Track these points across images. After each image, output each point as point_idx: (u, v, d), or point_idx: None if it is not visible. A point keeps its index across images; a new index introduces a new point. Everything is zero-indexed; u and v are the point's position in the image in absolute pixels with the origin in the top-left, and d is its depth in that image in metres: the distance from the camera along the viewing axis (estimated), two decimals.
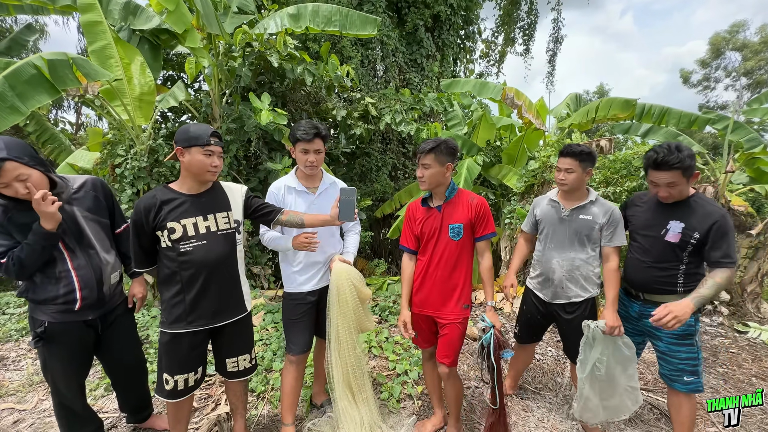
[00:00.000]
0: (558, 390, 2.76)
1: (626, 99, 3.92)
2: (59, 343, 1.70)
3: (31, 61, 2.65)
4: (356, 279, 2.05)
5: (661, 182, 1.83)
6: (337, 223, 1.89)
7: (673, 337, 1.93)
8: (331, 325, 2.03)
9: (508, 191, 5.19)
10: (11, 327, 3.45)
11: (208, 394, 2.59)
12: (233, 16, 4.30)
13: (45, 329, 1.66)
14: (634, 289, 2.04)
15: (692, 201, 1.88)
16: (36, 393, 2.63)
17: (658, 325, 1.74)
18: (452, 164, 1.97)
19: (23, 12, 4.25)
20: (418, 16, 7.30)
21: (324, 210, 2.04)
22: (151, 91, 3.73)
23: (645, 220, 2.00)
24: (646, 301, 2.00)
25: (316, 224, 1.94)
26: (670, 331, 1.91)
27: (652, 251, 1.94)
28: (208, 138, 1.66)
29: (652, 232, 1.95)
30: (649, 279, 1.95)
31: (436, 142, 1.93)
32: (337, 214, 1.85)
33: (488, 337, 1.96)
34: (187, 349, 1.73)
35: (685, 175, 1.78)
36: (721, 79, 24.10)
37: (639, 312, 2.04)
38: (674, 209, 1.90)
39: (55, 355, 1.71)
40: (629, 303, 2.09)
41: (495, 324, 1.96)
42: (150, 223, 1.65)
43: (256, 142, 4.41)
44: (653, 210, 1.98)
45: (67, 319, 1.70)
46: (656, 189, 1.88)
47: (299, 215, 1.92)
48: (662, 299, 1.92)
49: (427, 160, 1.94)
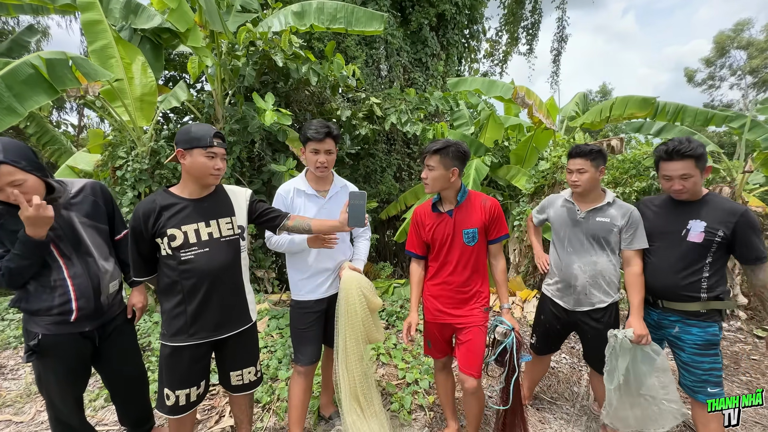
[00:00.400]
0: (575, 400, 2.64)
1: (644, 97, 3.81)
2: (54, 357, 1.61)
3: (29, 61, 2.57)
4: (366, 288, 1.95)
5: (674, 174, 1.75)
6: (346, 229, 1.78)
7: (696, 346, 1.82)
8: (339, 335, 1.93)
9: (517, 192, 5.08)
10: (10, 334, 3.37)
11: (212, 405, 2.49)
12: (236, 14, 4.22)
13: (39, 342, 1.56)
14: (653, 297, 1.93)
15: (708, 199, 1.81)
16: (34, 404, 2.54)
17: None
18: (459, 170, 1.86)
19: (23, 12, 4.18)
20: (423, 15, 7.20)
21: (334, 215, 1.94)
22: (152, 92, 3.66)
23: (661, 223, 1.91)
24: (666, 309, 1.90)
25: (325, 230, 1.83)
26: (693, 341, 1.82)
27: (672, 255, 1.84)
28: (210, 139, 1.57)
29: (670, 234, 1.85)
30: (670, 285, 1.84)
31: (443, 144, 1.82)
32: (347, 219, 1.74)
33: (510, 341, 1.88)
34: (188, 362, 1.63)
35: (698, 165, 1.72)
36: (726, 77, 23.90)
37: (657, 320, 1.95)
38: (692, 208, 1.82)
39: (50, 369, 1.62)
40: (647, 311, 1.97)
41: (514, 326, 1.90)
42: (149, 230, 1.55)
43: (260, 143, 4.32)
44: (669, 211, 1.89)
45: (63, 331, 1.60)
46: (669, 183, 1.79)
47: (306, 220, 1.82)
48: (684, 307, 1.83)
49: (432, 161, 1.84)
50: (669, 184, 1.80)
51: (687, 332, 1.84)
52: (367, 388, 2.02)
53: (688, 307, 1.82)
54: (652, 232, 1.94)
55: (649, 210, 1.98)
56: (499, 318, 1.94)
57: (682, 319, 1.85)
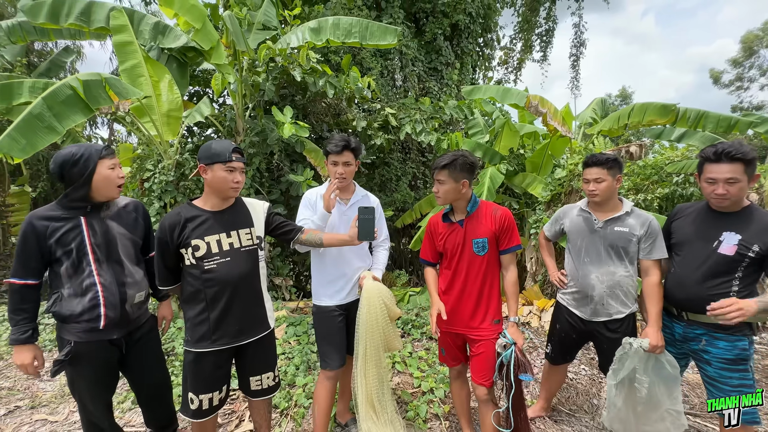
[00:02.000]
0: (594, 412, 2.59)
1: (664, 104, 3.73)
2: (86, 363, 1.69)
3: (68, 83, 2.77)
4: (387, 298, 2.01)
5: (719, 177, 1.64)
6: (356, 242, 1.84)
7: (724, 361, 1.73)
8: (360, 343, 1.98)
9: (533, 200, 5.03)
10: (45, 337, 3.56)
11: (232, 409, 2.57)
12: (257, 32, 4.41)
13: (71, 349, 1.64)
14: (677, 309, 1.86)
15: (750, 211, 1.70)
16: (67, 404, 2.68)
17: (716, 314, 1.54)
18: (468, 181, 1.90)
19: (62, 37, 4.49)
20: (437, 26, 7.30)
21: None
22: (178, 107, 3.84)
23: (693, 231, 1.81)
24: (691, 322, 1.81)
25: (335, 243, 1.91)
26: (721, 355, 1.73)
27: (700, 266, 1.75)
28: (229, 154, 1.66)
29: (701, 244, 1.76)
30: (696, 297, 1.75)
31: (451, 158, 1.87)
32: (356, 233, 1.80)
33: (508, 355, 1.84)
34: (211, 368, 1.71)
35: (747, 171, 1.60)
36: (755, 78, 22.96)
37: (683, 334, 1.86)
38: (728, 219, 1.72)
39: (82, 375, 1.71)
40: (671, 324, 1.90)
41: (517, 341, 1.85)
42: (174, 241, 1.65)
43: (279, 154, 4.46)
44: (702, 220, 1.79)
45: (93, 339, 1.68)
46: (713, 187, 1.67)
47: (318, 234, 1.89)
48: (710, 319, 1.72)
49: (442, 176, 1.89)
50: (711, 188, 1.68)
51: (714, 345, 1.76)
52: (381, 394, 2.05)
53: (712, 320, 1.72)
54: (680, 240, 1.86)
55: (682, 216, 1.89)
56: (504, 331, 1.92)
57: (708, 332, 1.77)
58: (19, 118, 2.60)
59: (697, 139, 4.64)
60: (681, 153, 5.14)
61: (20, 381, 2.97)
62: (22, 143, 2.57)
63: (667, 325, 1.92)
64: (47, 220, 1.59)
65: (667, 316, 1.93)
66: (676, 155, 5.06)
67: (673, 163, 4.73)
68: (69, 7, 3.66)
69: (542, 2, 11.64)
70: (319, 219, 1.96)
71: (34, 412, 2.62)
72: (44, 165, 7.28)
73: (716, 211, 1.76)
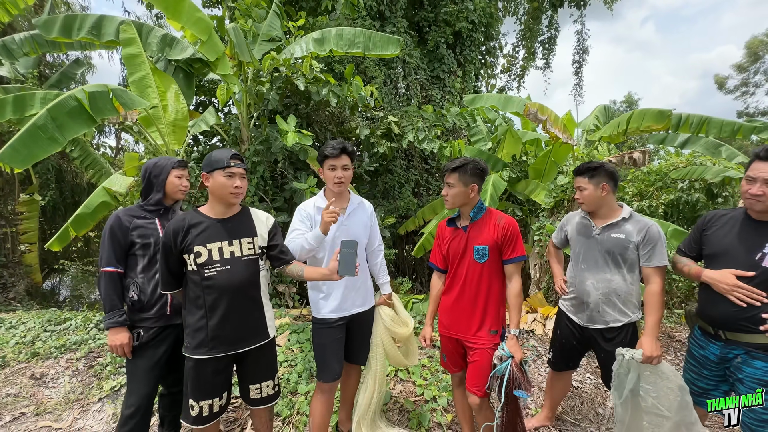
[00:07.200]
0: (600, 422, 2.55)
1: (660, 110, 3.74)
2: (153, 346, 1.90)
3: (74, 94, 2.84)
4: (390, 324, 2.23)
5: (760, 175, 1.51)
6: (335, 277, 1.79)
7: (760, 383, 1.58)
8: (370, 370, 2.13)
9: (536, 207, 5.03)
10: (51, 344, 3.59)
11: (235, 417, 2.56)
12: (262, 42, 4.49)
13: (142, 334, 1.88)
14: (714, 327, 1.70)
15: None
16: (72, 411, 2.70)
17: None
18: (477, 185, 1.92)
19: (73, 48, 4.62)
20: (439, 34, 7.38)
21: (353, 231, 2.04)
22: (184, 117, 3.92)
23: (729, 241, 1.66)
24: (729, 341, 1.66)
25: (315, 277, 1.88)
26: (757, 375, 1.59)
27: (740, 279, 1.60)
28: (228, 160, 1.71)
29: (739, 255, 1.62)
30: (735, 314, 1.61)
31: (462, 162, 1.90)
32: (336, 268, 1.77)
33: (502, 368, 1.79)
34: (211, 374, 1.72)
35: None
36: (761, 83, 22.81)
37: (719, 355, 1.70)
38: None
39: (145, 356, 1.89)
40: (707, 344, 1.75)
41: (515, 355, 1.80)
42: (178, 246, 1.68)
43: (282, 162, 4.51)
44: (742, 228, 1.64)
45: (162, 324, 1.92)
46: (749, 186, 1.56)
47: (301, 267, 1.89)
48: (751, 339, 1.60)
49: (451, 179, 1.91)
50: (748, 187, 1.57)
51: (749, 365, 1.62)
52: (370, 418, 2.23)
53: (753, 339, 1.59)
54: (715, 252, 1.71)
55: (717, 224, 1.74)
56: (502, 344, 1.88)
57: (746, 351, 1.63)
58: (23, 129, 2.66)
59: (700, 145, 4.62)
60: (686, 159, 5.12)
61: (25, 388, 3.00)
62: (23, 154, 2.64)
63: (701, 344, 1.79)
64: (131, 216, 1.90)
65: (702, 335, 1.80)
66: (681, 161, 5.04)
67: (678, 170, 4.71)
68: (80, 21, 3.77)
69: (544, 10, 11.74)
70: (312, 238, 1.90)
71: (39, 418, 2.64)
72: (53, 174, 7.42)
73: (757, 220, 1.62)
